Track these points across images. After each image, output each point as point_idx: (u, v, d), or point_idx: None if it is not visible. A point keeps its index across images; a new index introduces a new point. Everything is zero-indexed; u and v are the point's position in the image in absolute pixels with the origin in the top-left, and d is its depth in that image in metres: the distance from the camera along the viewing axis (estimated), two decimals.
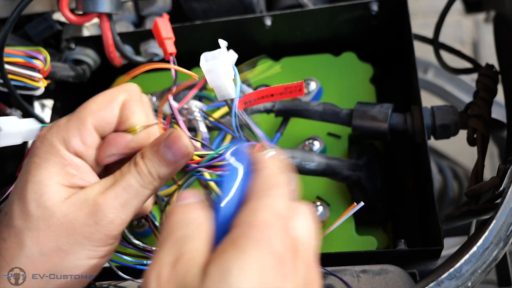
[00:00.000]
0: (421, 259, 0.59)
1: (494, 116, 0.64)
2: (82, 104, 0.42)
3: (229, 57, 0.46)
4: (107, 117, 0.41)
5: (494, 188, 0.54)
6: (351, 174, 0.60)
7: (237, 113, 0.48)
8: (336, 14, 0.69)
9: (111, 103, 0.42)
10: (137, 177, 0.41)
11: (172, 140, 0.41)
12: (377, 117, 0.62)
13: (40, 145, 0.41)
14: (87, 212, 0.39)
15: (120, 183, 0.41)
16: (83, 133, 0.41)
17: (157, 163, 0.41)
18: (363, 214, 0.62)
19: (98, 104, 0.42)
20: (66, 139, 0.40)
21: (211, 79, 0.46)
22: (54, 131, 0.41)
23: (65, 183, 0.40)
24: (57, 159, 0.40)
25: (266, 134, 0.49)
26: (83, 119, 0.41)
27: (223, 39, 0.46)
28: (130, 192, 0.40)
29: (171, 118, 0.48)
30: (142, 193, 0.41)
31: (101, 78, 0.76)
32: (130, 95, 0.42)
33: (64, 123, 0.41)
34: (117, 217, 0.40)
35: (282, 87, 0.50)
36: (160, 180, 0.42)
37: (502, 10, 0.75)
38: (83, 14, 0.64)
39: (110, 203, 0.40)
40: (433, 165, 1.12)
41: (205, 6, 0.72)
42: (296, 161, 0.55)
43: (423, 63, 1.15)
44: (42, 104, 0.73)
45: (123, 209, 0.40)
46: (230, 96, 0.47)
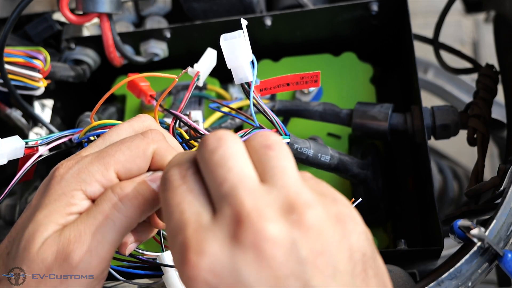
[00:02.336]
0: (421, 259, 0.59)
1: (494, 116, 0.64)
2: (109, 146, 0.40)
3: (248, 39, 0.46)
4: (133, 169, 0.40)
5: (494, 188, 0.54)
6: (359, 172, 0.60)
7: (254, 97, 0.47)
8: (336, 14, 0.69)
9: (140, 158, 0.40)
10: (116, 204, 0.38)
11: (157, 175, 0.40)
12: (377, 117, 0.62)
13: (58, 186, 0.38)
14: (60, 253, 0.36)
15: (93, 214, 0.37)
16: (105, 181, 0.39)
17: (138, 190, 0.38)
18: (365, 214, 0.62)
19: (126, 156, 0.39)
20: (88, 183, 0.38)
21: (229, 58, 0.45)
22: (75, 173, 0.39)
23: (60, 221, 0.37)
24: (65, 198, 0.38)
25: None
26: (107, 166, 0.39)
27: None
28: (108, 225, 0.37)
29: (173, 121, 0.49)
30: (123, 223, 0.38)
31: (101, 78, 0.76)
32: (159, 145, 0.40)
33: (86, 165, 0.39)
34: (94, 259, 0.36)
35: (298, 76, 0.50)
36: (143, 207, 0.38)
37: (502, 10, 0.75)
38: (83, 14, 0.64)
39: (84, 242, 0.36)
40: (433, 165, 1.12)
41: (205, 6, 0.72)
42: (311, 152, 0.54)
43: (423, 63, 1.15)
44: (42, 104, 0.73)
45: (100, 247, 0.37)
46: (248, 79, 0.47)
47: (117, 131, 0.43)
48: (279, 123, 0.49)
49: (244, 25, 0.45)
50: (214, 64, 0.57)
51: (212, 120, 0.67)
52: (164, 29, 0.71)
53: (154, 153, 0.40)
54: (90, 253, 0.36)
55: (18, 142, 0.47)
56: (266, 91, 0.50)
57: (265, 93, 0.50)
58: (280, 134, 0.50)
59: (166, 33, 0.71)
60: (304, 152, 0.53)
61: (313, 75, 0.49)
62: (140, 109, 0.73)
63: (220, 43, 0.45)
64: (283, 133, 0.50)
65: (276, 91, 0.50)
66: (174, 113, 0.49)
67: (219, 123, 0.67)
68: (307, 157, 0.54)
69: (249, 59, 0.46)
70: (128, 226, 0.38)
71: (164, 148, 0.41)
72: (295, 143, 0.52)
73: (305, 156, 0.54)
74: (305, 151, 0.53)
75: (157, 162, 0.41)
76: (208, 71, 0.56)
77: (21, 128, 0.71)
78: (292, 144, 0.52)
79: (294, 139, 0.52)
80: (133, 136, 0.41)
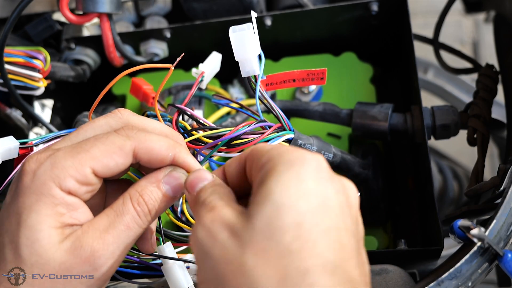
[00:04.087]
0: (421, 259, 0.59)
1: (494, 116, 0.64)
2: (84, 141, 0.39)
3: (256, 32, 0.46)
4: (111, 165, 0.39)
5: (494, 188, 0.54)
6: (361, 172, 0.60)
7: (260, 91, 0.47)
8: (336, 14, 0.69)
9: (117, 154, 0.39)
10: (136, 218, 0.39)
11: (173, 177, 0.40)
12: (377, 117, 0.62)
13: (30, 183, 0.37)
14: (84, 260, 0.37)
15: (117, 226, 0.39)
16: (80, 176, 0.38)
17: (157, 201, 0.40)
18: (365, 214, 0.62)
19: (102, 152, 0.38)
20: (62, 178, 0.37)
21: (237, 50, 0.45)
22: (48, 167, 0.38)
23: (57, 224, 0.37)
24: (48, 199, 0.37)
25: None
26: (82, 161, 0.38)
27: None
28: (129, 236, 0.39)
29: (177, 115, 0.48)
30: (139, 232, 0.40)
31: (101, 78, 0.76)
32: (138, 139, 0.40)
33: (59, 160, 0.38)
34: (115, 262, 0.39)
35: (305, 73, 0.50)
36: (157, 215, 0.41)
37: (502, 10, 0.75)
38: (83, 14, 0.64)
39: (108, 248, 0.38)
40: (433, 165, 1.12)
41: (205, 6, 0.72)
42: (314, 149, 0.54)
43: (423, 63, 1.15)
44: (42, 104, 0.73)
45: (121, 253, 0.39)
46: (255, 72, 0.47)
47: (93, 126, 0.41)
48: (284, 118, 0.49)
49: (254, 18, 0.45)
50: (217, 69, 0.57)
51: (212, 119, 0.67)
52: (164, 29, 0.71)
53: (136, 149, 0.39)
54: (112, 258, 0.38)
55: (12, 142, 0.46)
56: (271, 86, 0.50)
57: (271, 88, 0.50)
58: (285, 129, 0.49)
59: (166, 33, 0.71)
60: (307, 148, 0.53)
61: (319, 72, 0.49)
62: (140, 109, 0.73)
63: (229, 34, 0.45)
64: (288, 128, 0.50)
65: (281, 87, 0.50)
66: (179, 107, 0.49)
67: (219, 122, 0.67)
68: None
69: (257, 52, 0.46)
70: (143, 231, 0.40)
71: (146, 143, 0.40)
72: (299, 139, 0.52)
73: None
74: (308, 147, 0.53)
75: (147, 158, 0.40)
76: (211, 75, 0.56)
77: (21, 128, 0.71)
78: (296, 140, 0.52)
79: (298, 135, 0.52)
80: (108, 133, 0.40)
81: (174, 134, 0.44)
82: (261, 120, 0.48)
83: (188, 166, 0.41)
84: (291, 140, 0.51)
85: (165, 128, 0.43)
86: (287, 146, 0.42)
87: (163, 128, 0.43)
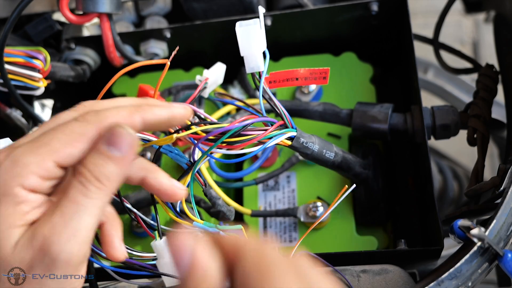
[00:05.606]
0: (421, 259, 0.59)
1: (494, 116, 0.64)
2: (42, 135, 0.37)
3: (263, 29, 0.45)
4: (75, 154, 0.37)
5: (494, 188, 0.54)
6: (361, 171, 0.60)
7: (264, 88, 0.47)
8: (336, 14, 0.69)
9: (79, 142, 0.37)
10: (82, 190, 0.36)
11: (113, 134, 0.37)
12: (377, 117, 0.62)
13: None
14: (39, 250, 0.35)
15: (63, 204, 0.36)
16: (43, 171, 0.36)
17: (101, 165, 0.37)
18: (365, 214, 0.62)
19: (62, 143, 0.37)
20: (23, 176, 0.36)
21: (243, 46, 0.45)
22: (8, 166, 0.36)
23: (18, 223, 0.36)
24: (9, 198, 0.36)
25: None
26: (44, 156, 0.36)
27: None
28: (83, 212, 0.36)
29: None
30: (97, 205, 0.36)
31: (101, 78, 0.76)
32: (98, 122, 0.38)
33: (19, 158, 0.36)
34: (74, 245, 0.35)
35: (308, 71, 0.50)
36: (111, 183, 0.37)
37: (502, 10, 0.75)
38: (83, 14, 0.64)
39: (59, 231, 0.35)
40: (433, 165, 1.12)
41: (205, 6, 0.72)
42: (316, 147, 0.54)
43: (423, 63, 1.15)
44: (42, 104, 0.73)
45: (77, 233, 0.35)
46: (259, 68, 0.46)
47: (55, 120, 0.39)
48: (286, 115, 0.48)
49: (262, 13, 0.45)
50: (220, 81, 0.57)
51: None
52: (164, 29, 0.71)
53: (99, 130, 0.37)
54: (68, 241, 0.35)
55: (8, 143, 0.46)
56: (275, 83, 0.50)
57: (274, 86, 0.50)
58: (287, 127, 0.49)
59: (166, 33, 0.71)
60: (309, 147, 0.53)
61: (322, 71, 0.49)
62: None
63: (236, 29, 0.45)
64: (290, 126, 0.49)
65: (284, 85, 0.50)
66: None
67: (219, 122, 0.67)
68: (312, 152, 0.54)
69: (263, 48, 0.46)
70: (102, 205, 0.37)
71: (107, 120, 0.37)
72: (301, 137, 0.52)
73: (310, 151, 0.53)
74: (310, 146, 0.53)
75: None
76: (214, 84, 0.56)
77: (21, 128, 0.71)
78: (298, 137, 0.51)
79: (300, 133, 0.51)
80: (67, 122, 0.38)
81: (138, 100, 0.42)
82: (264, 116, 0.48)
83: (159, 118, 0.40)
84: (293, 138, 0.51)
85: (128, 98, 0.42)
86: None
87: (126, 99, 0.42)
